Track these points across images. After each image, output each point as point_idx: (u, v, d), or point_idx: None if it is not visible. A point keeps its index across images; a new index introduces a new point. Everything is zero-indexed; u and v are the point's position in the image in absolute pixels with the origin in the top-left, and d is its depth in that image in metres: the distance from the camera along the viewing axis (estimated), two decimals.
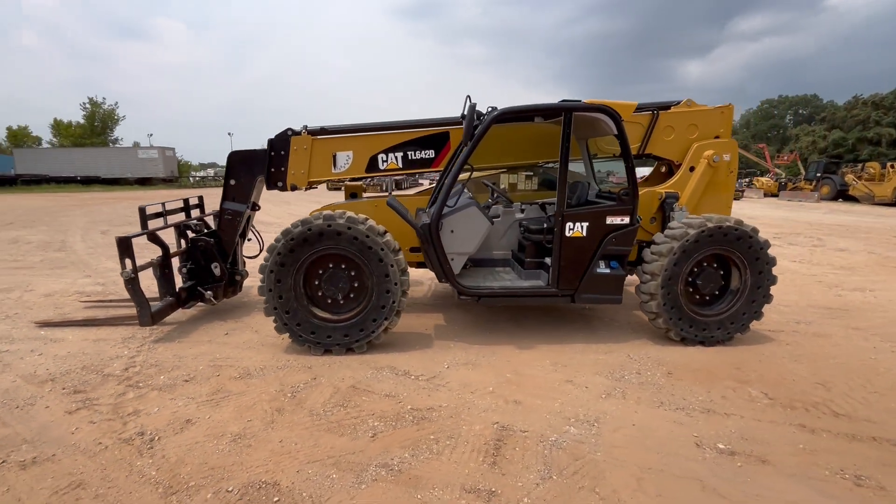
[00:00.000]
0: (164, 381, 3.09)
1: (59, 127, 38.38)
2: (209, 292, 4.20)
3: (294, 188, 4.25)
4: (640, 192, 4.38)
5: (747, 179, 38.13)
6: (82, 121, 38.47)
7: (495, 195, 4.23)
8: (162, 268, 3.98)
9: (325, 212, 3.44)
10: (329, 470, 2.22)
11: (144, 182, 34.56)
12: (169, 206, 4.27)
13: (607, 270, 3.73)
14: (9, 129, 39.55)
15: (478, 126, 3.52)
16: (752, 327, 4.22)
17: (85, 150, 35.92)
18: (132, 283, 3.59)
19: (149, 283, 3.99)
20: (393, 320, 3.55)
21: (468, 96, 3.49)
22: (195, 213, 4.76)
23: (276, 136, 4.20)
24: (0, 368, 3.25)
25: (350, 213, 3.44)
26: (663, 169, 4.91)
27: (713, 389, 3.13)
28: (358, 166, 4.29)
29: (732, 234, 3.70)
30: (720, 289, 3.93)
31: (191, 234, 4.29)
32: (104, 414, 2.66)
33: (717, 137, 4.47)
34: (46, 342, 3.73)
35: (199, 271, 4.23)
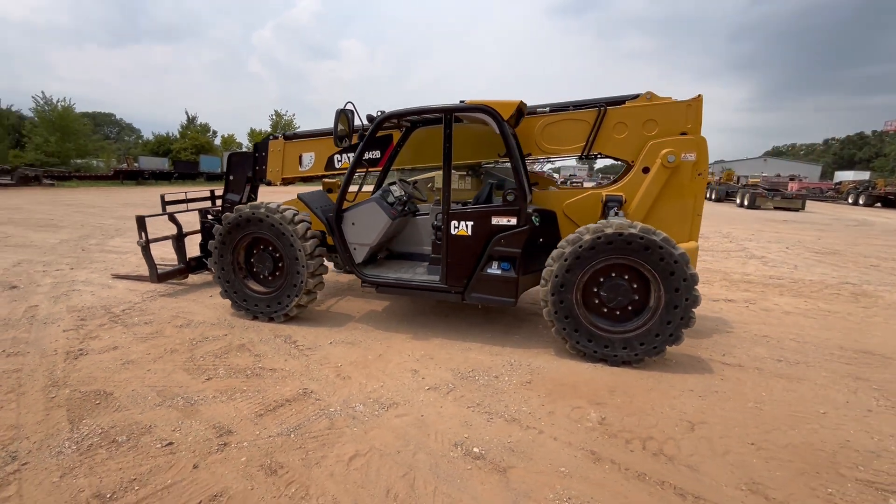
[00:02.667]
0: (135, 321, 4.23)
1: (252, 134, 48.40)
2: None
3: (269, 183, 5.14)
4: (585, 194, 4.17)
5: None
6: (269, 129, 47.75)
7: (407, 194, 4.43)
8: (177, 241, 5.26)
9: (255, 202, 4.18)
10: (151, 392, 2.93)
11: (307, 179, 41.38)
12: (193, 195, 5.55)
13: (498, 272, 3.69)
14: (222, 136, 51.44)
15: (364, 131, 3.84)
16: (707, 355, 3.75)
17: None
18: (145, 250, 4.89)
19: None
20: (302, 297, 4.11)
21: (349, 101, 3.84)
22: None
23: (262, 140, 5.14)
24: (65, 299, 4.81)
25: (274, 204, 4.12)
26: None
27: (550, 404, 2.95)
28: (319, 165, 4.96)
29: (637, 243, 3.31)
30: (639, 304, 3.51)
31: (210, 217, 5.51)
32: (78, 334, 3.85)
33: (684, 134, 3.92)
34: (104, 287, 5.30)
35: (207, 246, 5.42)
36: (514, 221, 3.57)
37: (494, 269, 3.70)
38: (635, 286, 3.46)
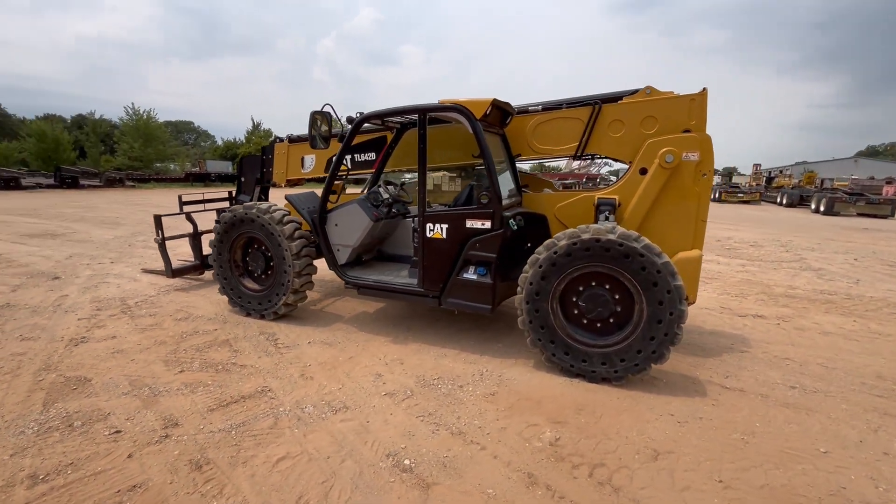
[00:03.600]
0: (143, 312, 4.52)
1: None
2: None
3: (274, 185, 5.31)
4: (577, 197, 3.94)
5: None
6: None
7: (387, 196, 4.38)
8: (193, 239, 5.57)
9: (249, 202, 4.33)
10: (125, 381, 3.10)
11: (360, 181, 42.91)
12: (210, 196, 5.87)
13: (474, 277, 3.55)
14: None
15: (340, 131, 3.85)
16: (707, 376, 3.44)
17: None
18: (161, 246, 5.22)
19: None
20: (289, 297, 4.19)
21: (327, 104, 3.85)
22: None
23: (269, 143, 5.33)
24: (94, 290, 5.25)
25: (265, 205, 4.24)
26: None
27: (506, 419, 2.78)
28: (319, 167, 5.06)
29: (616, 251, 3.04)
30: (621, 317, 3.22)
31: None
32: (89, 323, 4.17)
33: (687, 132, 3.57)
34: (131, 280, 5.73)
35: None
36: (488, 225, 3.42)
37: (470, 274, 3.56)
38: (617, 297, 3.19)
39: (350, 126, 3.84)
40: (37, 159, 35.09)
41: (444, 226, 3.55)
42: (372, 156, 4.74)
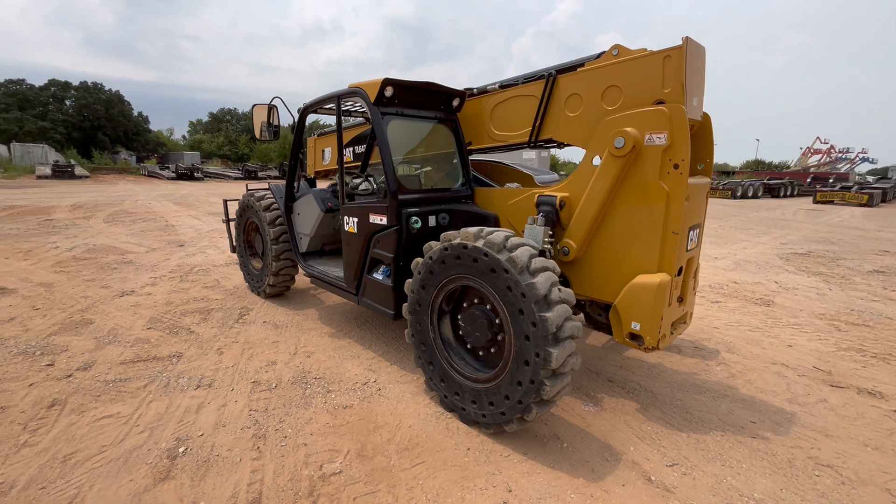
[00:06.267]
0: (191, 278, 5.52)
1: None
2: None
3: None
4: (525, 195, 3.26)
5: None
6: None
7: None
8: None
9: (251, 190, 4.83)
10: (108, 328, 3.86)
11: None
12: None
13: (380, 277, 3.24)
14: None
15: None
16: (644, 455, 2.60)
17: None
18: (227, 225, 6.25)
19: None
20: (271, 279, 4.55)
21: (276, 97, 3.88)
22: None
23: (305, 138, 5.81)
24: (190, 257, 6.65)
25: (261, 193, 4.67)
26: None
27: (319, 436, 2.51)
28: (334, 160, 5.28)
29: (483, 262, 2.38)
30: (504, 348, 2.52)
31: None
32: (149, 281, 5.32)
33: (660, 103, 2.53)
34: (220, 252, 7.03)
35: None
36: (384, 220, 3.06)
37: (378, 274, 3.26)
38: (498, 321, 2.48)
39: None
40: (279, 156, 45.87)
41: (355, 219, 3.33)
42: (362, 149, 4.71)
